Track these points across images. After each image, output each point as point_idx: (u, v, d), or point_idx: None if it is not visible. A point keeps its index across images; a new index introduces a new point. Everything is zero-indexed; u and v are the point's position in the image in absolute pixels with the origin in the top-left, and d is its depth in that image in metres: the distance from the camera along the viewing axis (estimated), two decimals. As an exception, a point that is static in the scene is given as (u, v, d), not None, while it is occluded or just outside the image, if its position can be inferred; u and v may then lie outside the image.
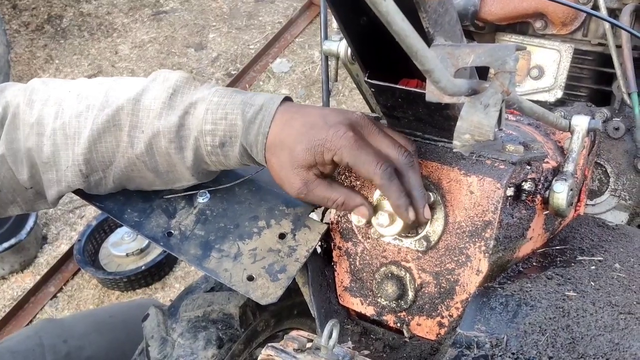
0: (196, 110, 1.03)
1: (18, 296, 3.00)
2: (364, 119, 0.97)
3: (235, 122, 1.01)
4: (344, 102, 3.94)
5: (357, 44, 0.93)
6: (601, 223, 1.21)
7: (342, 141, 0.93)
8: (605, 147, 1.53)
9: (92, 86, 1.09)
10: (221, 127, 1.01)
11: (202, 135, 1.02)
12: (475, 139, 0.75)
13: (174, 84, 1.05)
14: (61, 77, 4.34)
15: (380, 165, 0.92)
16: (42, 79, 1.13)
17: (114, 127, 1.05)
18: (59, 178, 1.08)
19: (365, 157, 0.93)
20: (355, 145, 0.93)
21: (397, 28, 0.60)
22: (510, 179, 0.95)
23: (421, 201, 0.96)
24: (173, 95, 1.04)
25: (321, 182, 0.98)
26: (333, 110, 1.00)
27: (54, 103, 1.08)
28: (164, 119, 1.03)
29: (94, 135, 1.05)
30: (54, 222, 3.35)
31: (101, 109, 1.05)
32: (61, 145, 1.06)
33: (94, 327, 1.57)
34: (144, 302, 1.96)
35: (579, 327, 0.88)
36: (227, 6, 4.85)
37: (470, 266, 0.98)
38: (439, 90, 0.71)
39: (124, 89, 1.07)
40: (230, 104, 1.02)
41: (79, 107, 1.06)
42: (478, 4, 1.53)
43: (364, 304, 1.10)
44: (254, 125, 1.00)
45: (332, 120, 0.96)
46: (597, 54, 1.58)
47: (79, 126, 1.06)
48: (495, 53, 0.74)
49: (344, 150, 0.93)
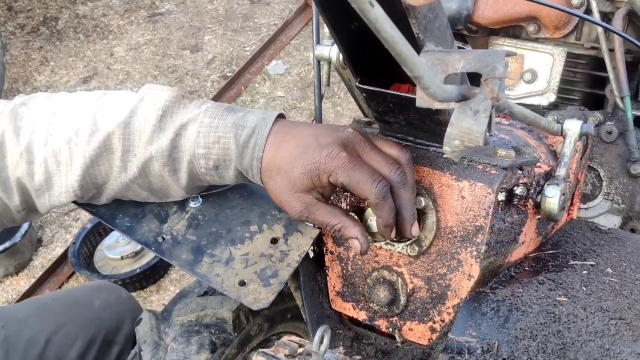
0: (187, 132, 1.02)
1: (13, 299, 2.99)
2: (356, 136, 0.97)
3: (228, 147, 1.00)
4: (339, 104, 3.94)
5: (348, 49, 0.93)
6: (594, 227, 1.21)
7: (336, 162, 0.93)
8: (598, 150, 1.53)
9: (77, 107, 1.07)
10: (214, 151, 1.01)
11: (196, 158, 1.02)
12: (465, 144, 0.75)
13: (163, 105, 1.03)
14: (56, 79, 4.34)
15: (376, 185, 0.92)
16: (23, 98, 1.10)
17: (106, 152, 1.04)
18: (52, 202, 1.09)
19: (359, 176, 0.92)
20: (349, 165, 0.92)
21: (385, 35, 0.60)
22: (501, 183, 0.95)
23: (410, 219, 0.95)
24: (163, 117, 1.02)
25: (322, 207, 0.98)
26: (324, 128, 0.99)
27: (41, 129, 1.06)
28: (156, 143, 1.02)
29: (86, 162, 1.04)
30: (49, 225, 3.35)
31: (91, 134, 1.04)
32: (53, 172, 1.06)
33: (34, 311, 1.57)
34: (86, 285, 1.96)
35: (569, 333, 0.88)
36: (222, 8, 4.85)
37: (461, 271, 0.98)
38: (429, 97, 0.71)
39: (112, 111, 1.05)
40: (222, 126, 1.01)
41: (68, 132, 1.05)
42: (471, 7, 1.53)
43: (356, 308, 1.10)
44: (248, 150, 0.99)
45: (324, 140, 0.95)
46: (590, 58, 1.58)
47: (70, 152, 1.04)
48: (485, 59, 0.74)
49: (339, 171, 0.93)
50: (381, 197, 0.92)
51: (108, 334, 1.58)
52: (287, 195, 0.97)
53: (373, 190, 0.92)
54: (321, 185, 0.95)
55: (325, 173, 0.94)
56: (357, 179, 0.92)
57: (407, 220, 0.95)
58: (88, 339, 1.54)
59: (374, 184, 0.92)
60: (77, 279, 3.06)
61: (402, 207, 0.94)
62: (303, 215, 0.98)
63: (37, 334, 1.49)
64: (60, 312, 1.58)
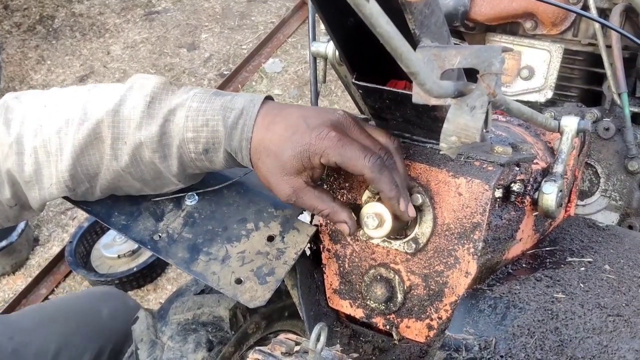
0: (175, 117, 1.01)
1: (9, 298, 2.98)
2: (345, 117, 0.97)
3: (217, 129, 1.00)
4: (336, 102, 3.93)
5: (344, 46, 0.93)
6: (591, 224, 1.20)
7: (326, 142, 0.93)
8: (595, 147, 1.53)
9: (67, 99, 1.07)
10: (203, 135, 1.00)
11: (185, 143, 1.01)
12: (462, 141, 0.75)
13: (151, 91, 1.03)
14: (53, 77, 4.33)
15: (369, 158, 0.92)
16: (15, 93, 1.11)
17: (95, 140, 1.03)
18: (43, 195, 1.07)
19: (351, 153, 0.92)
20: (339, 144, 0.93)
21: (381, 30, 0.60)
22: (498, 180, 0.95)
23: (404, 200, 0.95)
24: (151, 103, 1.02)
25: (310, 191, 0.98)
26: (313, 110, 0.99)
27: (31, 120, 1.06)
28: (145, 129, 1.02)
29: (76, 150, 1.03)
30: (45, 224, 3.34)
31: (80, 123, 1.03)
32: (43, 163, 1.05)
33: (40, 321, 1.55)
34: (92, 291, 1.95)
35: (567, 330, 0.87)
36: (219, 6, 4.84)
37: (459, 268, 0.98)
38: (425, 93, 0.70)
39: (101, 100, 1.05)
40: (210, 109, 1.01)
41: (58, 122, 1.05)
42: (468, 4, 1.53)
43: (353, 306, 1.09)
44: (237, 131, 0.99)
45: (314, 122, 0.95)
46: (587, 54, 1.57)
47: (60, 142, 1.04)
48: (482, 55, 0.73)
49: (330, 151, 0.93)
50: (377, 170, 0.92)
51: (116, 344, 1.56)
52: (276, 178, 0.97)
53: (367, 164, 0.92)
54: (311, 166, 0.95)
55: (316, 154, 0.94)
56: (349, 156, 0.92)
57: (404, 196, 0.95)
58: (96, 349, 1.53)
59: (366, 158, 0.92)
60: (74, 277, 3.06)
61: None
62: (291, 199, 0.98)
63: (46, 346, 1.48)
64: (68, 322, 1.56)
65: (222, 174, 1.16)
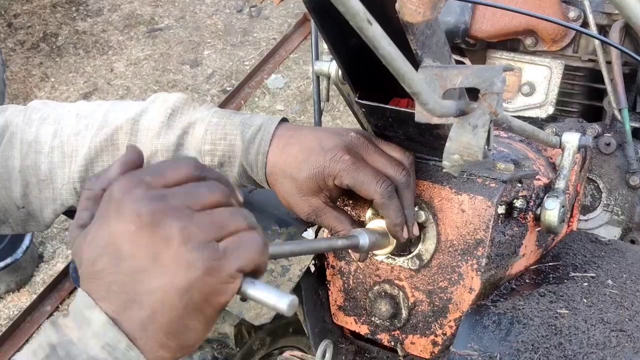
0: (195, 130, 1.04)
1: (14, 315, 2.98)
2: (359, 139, 0.98)
3: (234, 142, 1.02)
4: (339, 117, 3.95)
5: (347, 65, 0.94)
6: (594, 239, 1.21)
7: (340, 165, 0.94)
8: (597, 162, 1.54)
9: (91, 107, 1.10)
10: (220, 147, 1.02)
11: (201, 155, 1.03)
12: (465, 159, 0.76)
13: (172, 105, 1.06)
14: (57, 94, 4.35)
15: (381, 184, 0.93)
16: (42, 100, 1.14)
17: (112, 147, 1.05)
18: (55, 196, 1.09)
19: (364, 177, 0.94)
20: (352, 167, 0.94)
21: (383, 52, 0.61)
22: (501, 197, 0.96)
23: (411, 219, 0.97)
24: (172, 115, 1.05)
25: (329, 211, 0.99)
26: (327, 132, 1.00)
27: (53, 122, 1.09)
28: (163, 138, 1.04)
29: (90, 153, 1.05)
30: (50, 241, 3.35)
31: (100, 128, 1.06)
32: (58, 163, 1.07)
33: None
34: None
35: (571, 345, 0.88)
36: (222, 23, 4.87)
37: (462, 284, 0.99)
38: (428, 112, 0.72)
39: (123, 109, 1.08)
40: (229, 124, 1.03)
41: (78, 126, 1.07)
42: (469, 21, 1.54)
43: (358, 322, 1.10)
44: (254, 145, 1.01)
45: (328, 144, 0.97)
46: (587, 70, 1.59)
47: (77, 145, 1.06)
48: (483, 74, 0.75)
49: (343, 174, 0.94)
50: (387, 197, 0.93)
51: None
52: (295, 199, 0.99)
53: (378, 190, 0.93)
54: (327, 188, 0.97)
55: (330, 176, 0.95)
56: (362, 180, 0.94)
57: (409, 220, 0.97)
58: None
59: (378, 183, 0.93)
60: (78, 294, 3.06)
61: (404, 208, 0.96)
62: (311, 217, 1.00)
63: None
64: None
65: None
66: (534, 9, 1.47)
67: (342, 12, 0.56)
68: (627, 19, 0.67)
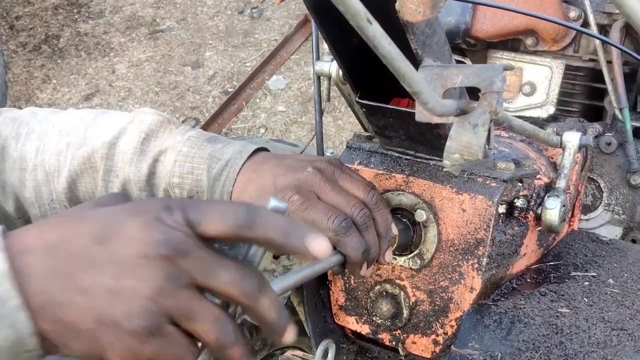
0: (165, 158, 1.03)
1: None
2: (315, 176, 0.94)
3: (200, 178, 1.02)
4: (340, 118, 3.95)
5: (347, 65, 0.94)
6: (595, 238, 1.21)
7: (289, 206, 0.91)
8: (598, 162, 1.54)
9: (74, 122, 1.10)
10: (188, 182, 1.02)
11: (171, 187, 1.04)
12: (465, 158, 0.76)
13: (147, 128, 1.05)
14: (58, 96, 4.36)
15: (332, 220, 0.88)
16: (34, 109, 1.14)
17: (90, 169, 1.06)
18: (44, 212, 1.09)
19: (314, 215, 0.89)
20: (301, 208, 0.90)
21: (384, 51, 0.61)
22: (501, 196, 0.96)
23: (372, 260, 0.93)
24: (145, 140, 1.04)
25: None
26: (286, 168, 0.97)
27: (36, 137, 1.08)
28: (135, 166, 1.04)
29: (72, 175, 1.06)
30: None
31: (77, 148, 1.06)
32: (42, 182, 1.07)
33: None
34: None
35: (572, 344, 0.88)
36: (223, 24, 4.88)
37: (463, 284, 0.99)
38: (428, 111, 0.72)
39: (102, 129, 1.07)
40: (197, 156, 1.02)
41: (59, 144, 1.07)
42: (469, 22, 1.55)
43: (359, 322, 1.10)
44: (219, 184, 1.01)
45: (280, 184, 0.94)
46: (588, 70, 1.59)
47: (58, 165, 1.06)
48: (483, 73, 0.75)
49: (292, 215, 0.90)
50: (342, 232, 0.88)
51: None
52: None
53: (330, 226, 0.88)
54: None
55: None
56: (312, 219, 0.89)
57: (372, 256, 0.92)
58: None
59: (329, 220, 0.88)
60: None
61: (370, 245, 0.91)
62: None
63: None
64: None
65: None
66: (534, 9, 1.47)
67: (342, 11, 0.56)
68: (627, 17, 0.67)
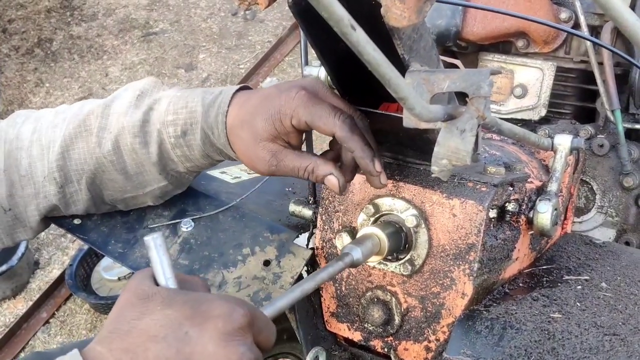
0: (159, 105, 1.06)
1: (10, 323, 2.97)
2: (318, 81, 0.97)
3: (195, 109, 1.03)
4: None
5: (335, 70, 0.93)
6: (588, 241, 1.21)
7: (296, 101, 0.93)
8: (590, 164, 1.53)
9: (72, 105, 1.14)
10: (182, 116, 1.03)
11: (165, 126, 1.04)
12: (453, 164, 0.75)
13: (141, 87, 1.09)
14: (52, 100, 4.34)
15: (339, 116, 0.91)
16: (28, 109, 1.17)
17: (85, 132, 1.07)
18: (37, 190, 1.09)
19: (321, 111, 0.91)
20: (309, 103, 0.92)
21: (369, 58, 0.60)
22: (492, 201, 0.95)
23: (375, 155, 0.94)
24: (140, 97, 1.08)
25: (289, 152, 0.97)
26: (281, 86, 0.99)
27: (33, 120, 1.12)
28: (129, 116, 1.06)
29: (65, 140, 1.07)
30: (45, 247, 3.34)
31: (73, 117, 1.09)
32: (37, 156, 1.09)
33: None
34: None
35: (564, 350, 0.87)
36: (216, 26, 4.86)
37: (455, 289, 0.98)
38: (415, 117, 0.71)
39: (99, 101, 1.12)
40: (191, 95, 1.05)
41: (56, 120, 1.10)
42: (460, 24, 1.54)
43: (351, 329, 1.09)
44: (213, 108, 1.01)
45: (285, 86, 0.96)
46: (579, 72, 1.58)
47: (54, 136, 1.09)
48: (470, 78, 0.74)
49: (299, 110, 0.92)
50: (347, 129, 0.90)
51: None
52: (253, 147, 0.97)
53: (337, 122, 0.90)
54: (284, 130, 0.95)
55: (287, 116, 0.93)
56: (319, 114, 0.91)
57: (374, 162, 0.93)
58: None
59: (336, 116, 0.91)
60: (74, 301, 3.05)
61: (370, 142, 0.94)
62: (272, 164, 0.97)
63: None
64: None
65: (218, 200, 1.16)
66: (525, 11, 1.47)
67: (326, 17, 0.55)
68: (614, 20, 0.66)
